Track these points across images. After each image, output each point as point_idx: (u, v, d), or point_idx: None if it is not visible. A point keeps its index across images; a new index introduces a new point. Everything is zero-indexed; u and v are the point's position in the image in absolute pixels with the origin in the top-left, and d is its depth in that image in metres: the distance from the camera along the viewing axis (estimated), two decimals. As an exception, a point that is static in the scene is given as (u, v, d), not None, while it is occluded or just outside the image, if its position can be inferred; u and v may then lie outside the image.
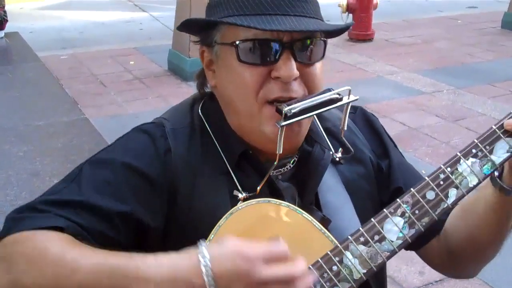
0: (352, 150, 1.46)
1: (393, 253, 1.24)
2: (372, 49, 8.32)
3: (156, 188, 1.35)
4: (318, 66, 1.34)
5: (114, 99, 6.43)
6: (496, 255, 1.48)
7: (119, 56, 8.00)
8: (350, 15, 8.76)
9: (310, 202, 1.42)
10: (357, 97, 1.35)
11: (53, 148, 4.85)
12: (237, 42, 1.30)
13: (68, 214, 1.27)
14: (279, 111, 1.27)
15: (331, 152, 1.46)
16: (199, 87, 1.49)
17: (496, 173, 1.29)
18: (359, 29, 8.65)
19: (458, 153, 1.26)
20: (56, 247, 1.20)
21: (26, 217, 1.27)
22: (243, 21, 1.26)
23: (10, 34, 8.36)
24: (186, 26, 1.39)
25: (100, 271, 1.16)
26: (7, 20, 8.30)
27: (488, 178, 1.29)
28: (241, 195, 1.36)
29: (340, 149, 1.48)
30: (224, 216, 1.27)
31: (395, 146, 1.61)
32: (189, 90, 6.56)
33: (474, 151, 1.26)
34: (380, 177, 1.53)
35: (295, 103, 1.27)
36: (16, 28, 8.79)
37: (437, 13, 10.77)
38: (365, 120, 1.59)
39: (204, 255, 1.12)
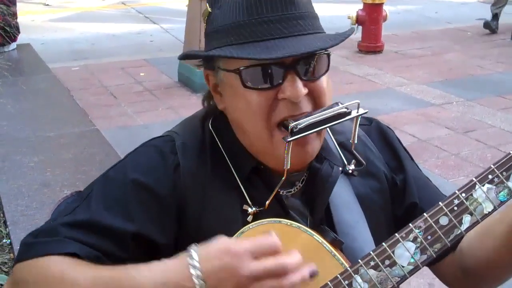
0: (364, 162, 1.45)
1: (404, 278, 1.22)
2: (382, 61, 8.32)
3: (165, 204, 1.36)
4: (324, 79, 1.34)
5: (125, 110, 6.46)
6: None
7: (129, 68, 8.04)
8: (360, 27, 8.77)
9: (321, 219, 1.41)
10: (366, 111, 1.34)
11: (64, 159, 4.86)
12: (241, 69, 1.29)
13: (79, 236, 1.30)
14: (285, 126, 1.27)
15: (340, 168, 1.44)
16: (207, 104, 1.51)
17: None
18: (369, 41, 8.67)
19: (474, 179, 1.23)
20: (58, 267, 1.25)
21: (39, 242, 1.32)
22: (243, 51, 1.25)
23: (22, 45, 8.42)
24: (187, 56, 1.43)
25: (98, 284, 1.21)
26: (19, 32, 8.36)
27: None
28: (250, 210, 1.36)
29: (353, 161, 1.47)
30: (235, 235, 1.28)
31: (412, 159, 1.59)
32: (199, 101, 6.44)
33: (490, 177, 1.22)
34: (394, 192, 1.52)
35: (302, 118, 1.26)
36: (27, 40, 8.85)
37: (447, 25, 10.76)
38: (379, 133, 1.58)
39: (192, 257, 1.14)
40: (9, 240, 3.78)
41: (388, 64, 8.20)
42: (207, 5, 1.37)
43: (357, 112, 1.33)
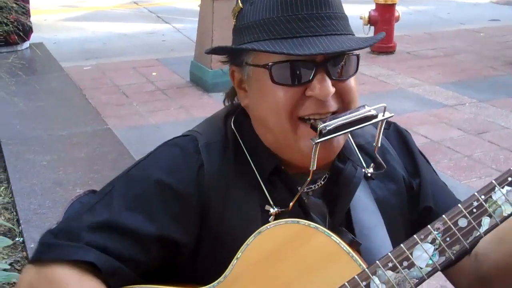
0: (385, 166, 1.44)
1: (421, 280, 1.21)
2: (394, 61, 8.30)
3: (188, 204, 1.35)
4: (352, 80, 1.34)
5: (137, 109, 6.47)
6: None
7: (141, 67, 8.05)
8: (372, 27, 8.75)
9: (340, 220, 1.41)
10: (392, 114, 1.34)
11: (77, 157, 4.89)
12: (270, 64, 1.29)
13: (100, 240, 1.30)
14: (314, 128, 1.27)
15: (363, 170, 1.44)
16: (230, 103, 1.50)
17: None
18: (381, 42, 8.62)
19: (493, 181, 1.22)
20: None
21: (58, 245, 1.31)
22: (276, 47, 1.25)
23: (35, 44, 8.45)
24: (215, 50, 1.40)
25: None
26: (32, 31, 8.40)
27: None
28: (272, 210, 1.36)
29: (372, 164, 1.46)
30: (253, 235, 1.28)
31: (428, 162, 1.59)
32: (211, 101, 6.60)
33: (510, 179, 1.22)
34: (410, 195, 1.52)
35: (330, 120, 1.27)
36: (40, 39, 8.89)
37: (459, 26, 10.72)
38: (398, 136, 1.58)
39: None
40: (22, 239, 3.80)
41: (400, 64, 8.18)
42: (239, 1, 1.37)
43: (383, 116, 1.33)
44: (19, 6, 6.82)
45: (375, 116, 1.31)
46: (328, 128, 1.26)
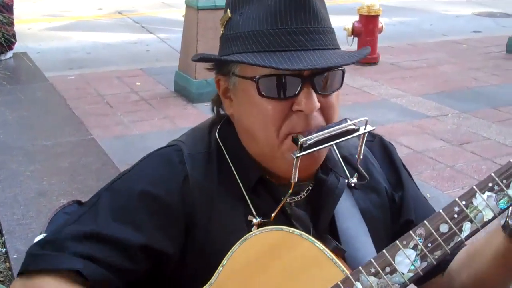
0: (368, 177, 1.46)
1: (404, 285, 1.22)
2: (377, 72, 8.35)
3: (173, 215, 1.36)
4: (335, 95, 1.35)
5: (121, 119, 6.47)
6: None
7: (125, 77, 8.04)
8: (356, 38, 8.81)
9: (324, 230, 1.42)
10: (374, 127, 1.35)
11: (60, 167, 4.86)
12: (258, 77, 1.30)
13: (86, 250, 1.30)
14: (295, 142, 1.27)
15: (346, 180, 1.46)
16: (216, 111, 1.50)
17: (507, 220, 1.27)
18: (365, 53, 8.68)
19: (474, 187, 1.23)
20: None
21: (46, 255, 1.31)
22: (265, 60, 1.25)
23: (19, 54, 8.43)
24: (202, 58, 1.40)
25: None
26: (15, 40, 8.37)
27: (499, 226, 1.28)
28: (255, 220, 1.37)
29: (355, 174, 1.48)
30: (238, 242, 1.29)
31: (410, 176, 1.61)
32: (195, 111, 6.60)
33: (490, 185, 1.22)
34: (392, 208, 1.53)
35: (312, 133, 1.28)
36: (24, 48, 8.86)
37: (442, 37, 10.82)
38: (382, 149, 1.59)
39: None
40: (4, 249, 3.77)
41: (383, 75, 8.24)
42: (228, 10, 1.37)
43: (365, 129, 1.34)
44: (3, 17, 6.81)
45: (357, 130, 1.32)
46: (308, 142, 1.26)
